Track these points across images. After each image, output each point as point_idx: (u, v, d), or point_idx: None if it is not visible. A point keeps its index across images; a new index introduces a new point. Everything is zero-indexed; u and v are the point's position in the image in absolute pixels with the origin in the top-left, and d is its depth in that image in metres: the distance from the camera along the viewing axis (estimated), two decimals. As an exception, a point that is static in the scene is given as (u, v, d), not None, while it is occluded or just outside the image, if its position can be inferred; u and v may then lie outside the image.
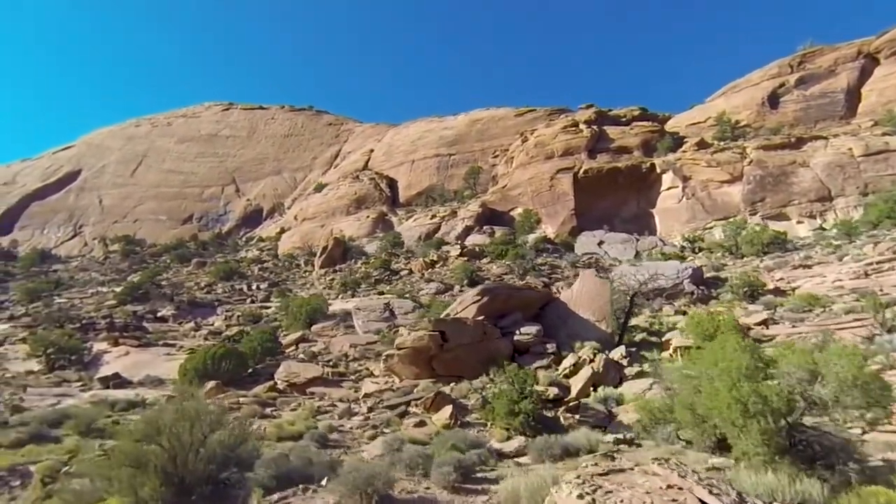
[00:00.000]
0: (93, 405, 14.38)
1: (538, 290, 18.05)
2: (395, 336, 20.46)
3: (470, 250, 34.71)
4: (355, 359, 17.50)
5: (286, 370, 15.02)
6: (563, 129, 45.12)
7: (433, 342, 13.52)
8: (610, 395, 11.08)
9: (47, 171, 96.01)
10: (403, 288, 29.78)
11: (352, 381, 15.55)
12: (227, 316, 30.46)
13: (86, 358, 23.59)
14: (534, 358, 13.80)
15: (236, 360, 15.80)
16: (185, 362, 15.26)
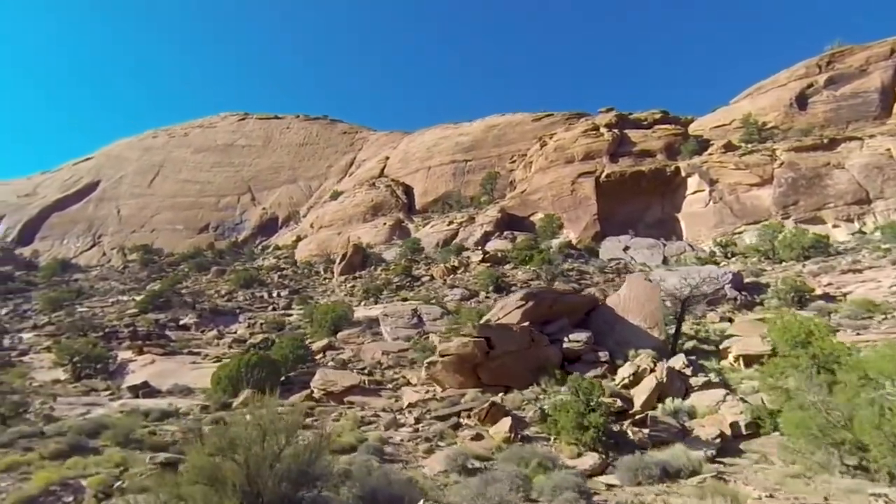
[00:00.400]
0: (126, 415, 13.95)
1: (584, 295, 17.36)
2: (426, 342, 19.90)
3: (492, 256, 34.10)
4: (389, 367, 16.91)
5: (322, 378, 14.47)
6: (584, 133, 44.53)
7: (479, 349, 12.88)
8: (680, 407, 10.33)
9: (67, 183, 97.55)
10: (427, 294, 29.23)
11: (389, 389, 14.96)
12: (249, 323, 30.11)
13: (111, 366, 23.32)
14: (586, 367, 13.06)
15: (269, 367, 15.31)
16: (217, 370, 14.79)
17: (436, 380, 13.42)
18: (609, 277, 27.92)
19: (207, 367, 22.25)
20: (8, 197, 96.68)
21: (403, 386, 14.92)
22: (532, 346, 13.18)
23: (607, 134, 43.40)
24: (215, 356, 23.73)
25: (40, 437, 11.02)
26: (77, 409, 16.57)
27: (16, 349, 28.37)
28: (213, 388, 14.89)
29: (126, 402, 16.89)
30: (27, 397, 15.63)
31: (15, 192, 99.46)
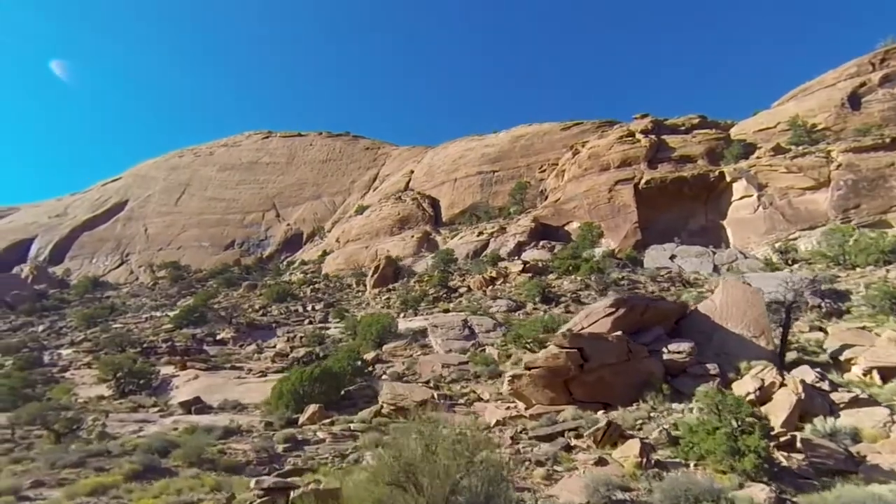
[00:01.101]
0: (186, 432, 13.08)
1: (675, 302, 16.06)
2: (485, 355, 18.72)
3: (532, 266, 32.94)
4: (454, 380, 15.79)
5: (391, 392, 13.42)
6: (619, 140, 43.48)
7: (572, 362, 11.69)
8: (837, 428, 8.93)
9: (96, 203, 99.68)
10: (470, 305, 28.12)
11: (462, 405, 13.81)
12: (288, 337, 29.34)
13: (154, 382, 22.67)
14: (694, 381, 11.69)
15: (331, 381, 14.34)
16: (278, 384, 13.87)
17: (520, 395, 12.18)
18: (664, 286, 26.50)
19: (253, 382, 21.45)
20: (40, 218, 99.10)
21: (475, 402, 13.76)
22: (631, 357, 11.90)
23: (644, 140, 42.27)
24: (259, 371, 22.95)
25: (108, 457, 10.18)
26: (129, 426, 15.80)
27: (56, 365, 28.05)
28: (275, 403, 13.95)
29: (178, 419, 16.07)
30: (80, 414, 14.89)
31: (46, 212, 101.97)
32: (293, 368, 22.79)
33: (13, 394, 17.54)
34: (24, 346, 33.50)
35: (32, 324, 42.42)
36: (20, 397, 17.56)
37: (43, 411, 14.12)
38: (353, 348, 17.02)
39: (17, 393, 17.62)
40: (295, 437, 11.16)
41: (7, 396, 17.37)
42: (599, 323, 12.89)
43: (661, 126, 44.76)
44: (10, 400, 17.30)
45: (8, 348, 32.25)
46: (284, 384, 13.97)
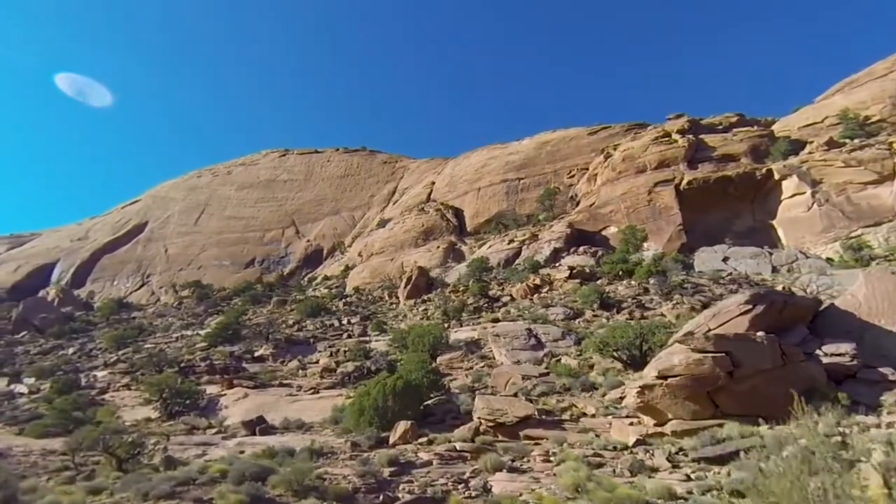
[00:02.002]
0: (264, 455, 11.82)
1: (810, 297, 14.57)
2: (563, 365, 17.32)
3: (579, 271, 31.57)
4: (543, 393, 14.38)
5: (487, 406, 12.06)
6: (654, 141, 42.33)
7: (720, 368, 10.24)
8: None
9: (116, 225, 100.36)
10: (520, 314, 26.76)
11: (567, 420, 12.39)
12: (331, 352, 28.13)
13: (200, 402, 21.52)
14: (870, 388, 10.09)
15: (412, 395, 13.07)
16: (357, 400, 12.61)
17: (651, 409, 10.64)
18: (731, 289, 24.93)
19: (307, 400, 20.25)
20: (61, 242, 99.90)
21: (580, 417, 12.33)
22: (786, 362, 10.37)
23: (682, 140, 41.07)
24: (310, 388, 21.74)
25: (197, 485, 8.97)
26: (190, 449, 14.61)
27: (94, 387, 27.08)
28: (355, 420, 12.67)
29: (242, 441, 14.85)
30: (140, 438, 13.74)
31: (68, 236, 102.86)
32: (349, 384, 21.54)
33: (63, 417, 16.50)
34: (58, 368, 32.71)
35: (62, 346, 41.78)
36: (70, 421, 16.51)
37: (97, 435, 13.00)
38: (423, 360, 15.76)
39: (67, 416, 16.59)
40: (397, 458, 9.88)
41: (58, 421, 16.33)
42: (733, 323, 11.30)
43: (697, 125, 43.58)
44: (62, 424, 16.25)
45: (42, 371, 31.47)
46: (364, 399, 12.70)
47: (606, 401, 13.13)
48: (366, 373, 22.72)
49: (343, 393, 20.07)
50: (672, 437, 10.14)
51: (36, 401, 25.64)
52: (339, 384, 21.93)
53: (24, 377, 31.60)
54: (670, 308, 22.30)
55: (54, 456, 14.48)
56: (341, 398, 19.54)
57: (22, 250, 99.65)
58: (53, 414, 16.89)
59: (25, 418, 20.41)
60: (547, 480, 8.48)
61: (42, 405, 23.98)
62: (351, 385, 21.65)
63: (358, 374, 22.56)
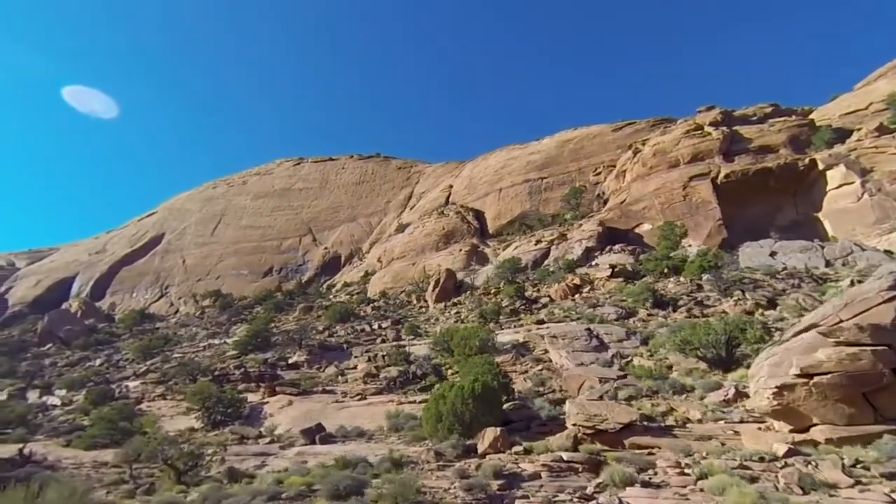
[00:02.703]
0: (337, 466, 10.86)
1: None
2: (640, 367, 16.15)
3: (621, 270, 30.39)
4: (632, 397, 13.20)
5: (583, 412, 10.91)
6: (686, 134, 41.15)
7: (883, 364, 8.91)
8: None
9: (133, 238, 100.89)
10: (567, 314, 25.64)
11: (674, 426, 11.20)
12: (369, 357, 27.19)
13: (243, 410, 20.67)
14: None
15: (491, 399, 12.04)
16: (433, 404, 11.60)
17: (791, 412, 9.28)
18: (793, 284, 23.57)
19: (355, 406, 19.31)
20: (80, 256, 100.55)
21: (685, 422, 11.16)
22: None
23: (715, 132, 39.84)
24: (356, 394, 20.78)
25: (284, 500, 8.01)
26: (248, 460, 13.72)
27: (127, 398, 26.37)
28: (431, 426, 11.66)
29: (302, 451, 13.92)
30: (199, 448, 12.86)
31: (86, 250, 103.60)
32: (396, 390, 20.55)
33: (110, 428, 15.74)
34: (88, 380, 32.18)
35: (89, 358, 41.38)
36: (117, 431, 15.73)
37: (155, 447, 12.15)
38: (488, 361, 14.68)
39: (114, 427, 15.82)
40: (501, 471, 8.84)
41: (105, 431, 15.55)
42: (874, 312, 9.82)
43: (729, 117, 42.34)
44: (108, 435, 15.47)
45: (73, 383, 30.95)
46: (440, 404, 11.67)
47: (709, 404, 11.95)
48: (411, 378, 21.78)
49: (394, 399, 19.11)
50: (827, 445, 8.91)
51: (71, 412, 25.04)
52: (386, 390, 20.98)
53: (56, 389, 31.11)
54: (731, 305, 21.08)
55: (106, 468, 13.68)
56: (392, 404, 18.58)
57: (41, 265, 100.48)
58: (101, 424, 16.13)
59: (66, 430, 19.72)
60: (697, 498, 7.39)
61: (79, 416, 23.34)
62: (398, 391, 20.70)
63: (403, 379, 21.61)
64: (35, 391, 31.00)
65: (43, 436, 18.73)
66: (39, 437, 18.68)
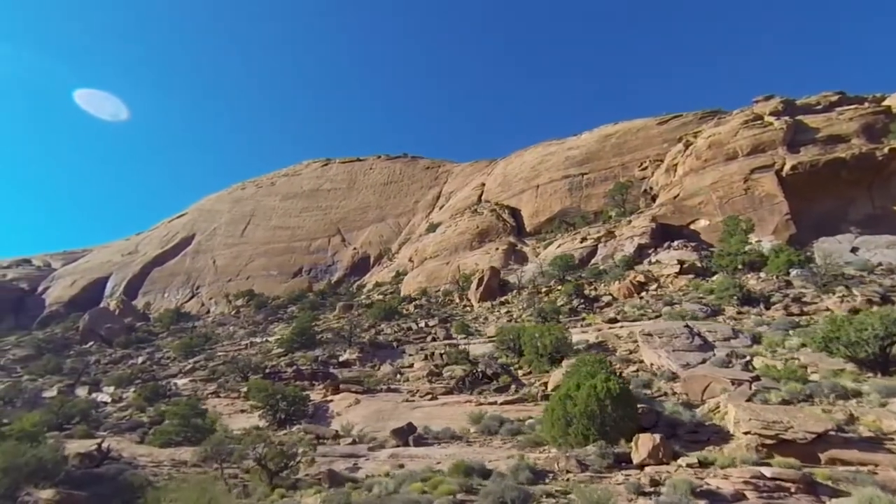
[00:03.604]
0: (455, 471, 9.59)
1: None
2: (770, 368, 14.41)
3: (690, 266, 28.60)
4: (786, 401, 11.52)
5: (759, 419, 9.22)
6: (744, 125, 39.03)
7: None
8: None
9: (164, 239, 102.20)
10: (644, 312, 24.00)
11: (884, 438, 9.43)
12: (426, 356, 25.99)
13: (307, 409, 19.63)
14: None
15: (628, 400, 10.59)
16: (558, 404, 10.22)
17: None
18: None
19: (428, 406, 18.09)
20: (113, 257, 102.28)
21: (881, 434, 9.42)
22: None
23: (777, 122, 37.65)
24: (426, 393, 19.55)
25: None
26: (337, 461, 12.58)
27: (179, 395, 25.69)
28: (557, 430, 10.26)
29: (396, 453, 12.72)
30: (291, 448, 11.77)
31: (119, 251, 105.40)
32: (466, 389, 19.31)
33: (184, 425, 14.86)
34: (135, 377, 31.80)
35: (131, 356, 41.24)
36: (190, 428, 14.83)
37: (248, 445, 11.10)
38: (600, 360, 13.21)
39: (187, 424, 14.94)
40: (693, 488, 7.44)
41: (178, 428, 14.67)
42: None
43: (791, 106, 40.06)
44: (182, 432, 14.58)
45: (120, 380, 30.55)
46: (568, 406, 10.26)
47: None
48: (481, 377, 20.46)
49: (471, 399, 17.82)
50: None
51: (124, 408, 24.49)
52: (456, 389, 19.71)
53: (104, 385, 30.77)
54: (836, 302, 19.21)
55: (186, 467, 12.70)
56: (469, 405, 17.30)
57: (77, 265, 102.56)
58: (173, 421, 15.28)
59: (127, 426, 19.01)
60: None
61: (135, 413, 22.70)
62: (469, 391, 19.42)
63: (472, 378, 20.29)
64: (83, 387, 30.70)
65: (106, 432, 18.01)
66: (102, 432, 17.96)
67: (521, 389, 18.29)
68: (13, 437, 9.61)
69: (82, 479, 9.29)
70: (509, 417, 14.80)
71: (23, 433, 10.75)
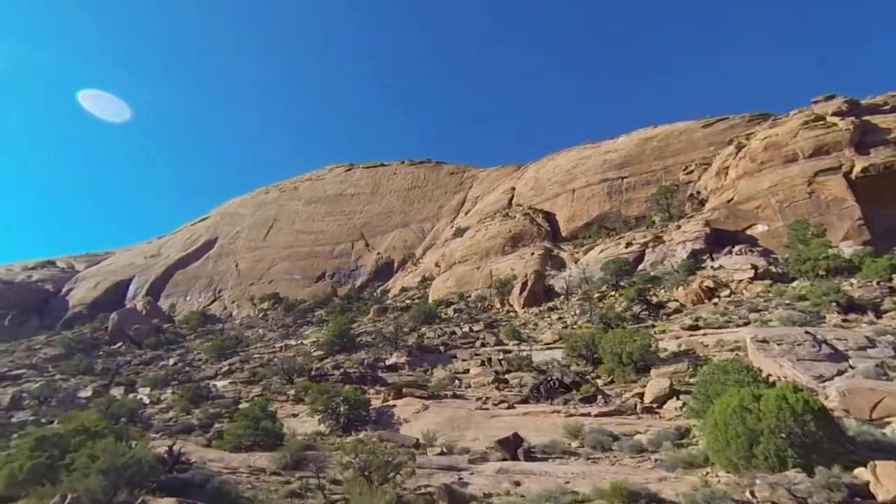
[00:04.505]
0: (614, 494, 7.94)
1: None
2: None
3: (765, 272, 26.68)
4: None
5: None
6: (805, 126, 37.10)
7: None
8: None
9: (187, 242, 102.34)
10: (729, 319, 22.11)
11: None
12: (482, 361, 24.36)
13: (369, 414, 18.10)
14: None
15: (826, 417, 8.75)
16: (733, 419, 8.42)
17: None
18: None
19: (508, 416, 16.45)
20: (136, 259, 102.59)
21: None
22: None
23: (843, 122, 35.68)
24: (500, 400, 17.90)
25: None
26: (436, 474, 10.98)
27: (222, 397, 24.38)
28: (734, 450, 8.48)
29: (505, 468, 11.09)
30: (393, 457, 10.23)
31: (141, 254, 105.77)
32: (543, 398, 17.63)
33: (254, 427, 13.43)
34: (172, 378, 30.66)
35: (161, 357, 40.26)
36: (261, 431, 13.39)
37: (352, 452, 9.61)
38: (738, 368, 11.45)
39: (257, 427, 13.51)
40: None
41: (249, 431, 13.24)
42: None
43: (856, 106, 38.09)
44: (252, 435, 13.15)
45: (157, 381, 29.41)
46: (751, 420, 8.34)
47: None
48: (557, 386, 18.75)
49: (560, 410, 16.12)
50: None
51: (164, 410, 23.26)
52: (532, 398, 18.02)
53: (139, 387, 29.66)
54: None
55: (266, 475, 11.23)
56: (558, 415, 15.60)
57: (100, 267, 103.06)
58: (243, 423, 13.86)
59: (179, 429, 17.67)
60: None
61: (180, 414, 21.43)
62: (548, 399, 17.73)
63: (548, 387, 18.59)
64: (118, 388, 29.63)
65: (158, 433, 16.69)
66: (154, 434, 16.63)
67: (609, 400, 16.56)
68: (103, 436, 8.30)
69: (171, 486, 7.90)
70: (614, 431, 13.11)
71: (89, 432, 9.44)
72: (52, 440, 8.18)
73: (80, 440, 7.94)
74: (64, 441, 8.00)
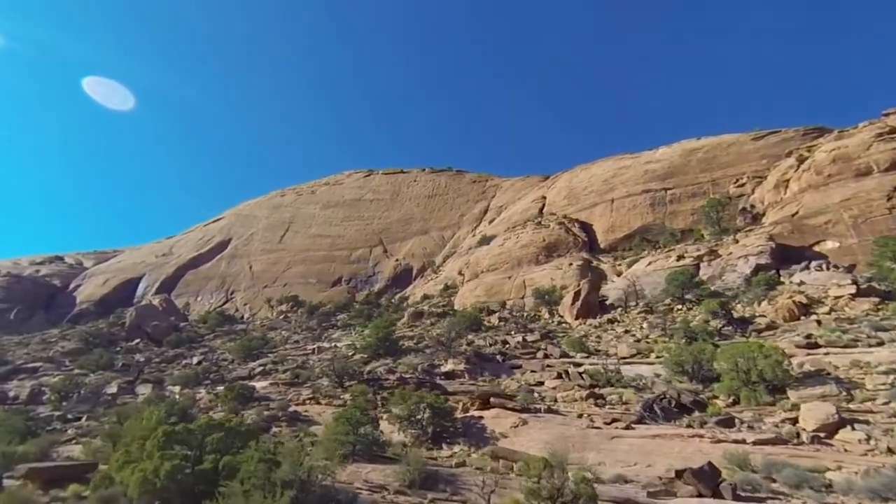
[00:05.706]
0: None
1: None
2: None
3: (867, 289, 24.43)
4: None
5: None
6: (878, 138, 35.21)
7: None
8: None
9: (199, 242, 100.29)
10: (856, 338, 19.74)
11: None
12: (558, 374, 21.94)
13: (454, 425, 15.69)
14: None
15: None
16: None
17: None
18: None
19: (632, 438, 14.12)
20: (146, 257, 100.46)
21: None
22: None
23: (922, 134, 33.81)
24: (611, 419, 15.45)
25: None
26: None
27: (268, 399, 21.95)
28: None
29: (700, 498, 8.67)
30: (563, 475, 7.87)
31: (152, 252, 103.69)
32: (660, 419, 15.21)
33: (354, 433, 11.10)
34: (203, 377, 28.31)
35: (184, 355, 37.83)
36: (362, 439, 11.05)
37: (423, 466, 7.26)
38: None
39: (356, 433, 11.17)
40: None
41: (348, 437, 10.87)
42: None
43: (932, 119, 36.25)
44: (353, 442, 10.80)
45: (187, 379, 27.04)
46: None
47: None
48: (673, 405, 16.34)
49: (702, 433, 13.74)
50: None
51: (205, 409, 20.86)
52: (648, 418, 15.56)
53: (168, 385, 27.27)
54: None
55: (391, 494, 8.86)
56: (699, 440, 13.20)
57: (109, 264, 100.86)
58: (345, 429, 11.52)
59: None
60: None
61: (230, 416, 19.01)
62: (667, 421, 15.31)
63: (664, 406, 16.17)
64: (145, 385, 27.25)
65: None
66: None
67: (752, 425, 14.13)
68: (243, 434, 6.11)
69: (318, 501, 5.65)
70: (800, 465, 10.69)
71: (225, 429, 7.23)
72: (178, 437, 6.04)
73: (216, 437, 5.80)
74: (194, 438, 5.88)
